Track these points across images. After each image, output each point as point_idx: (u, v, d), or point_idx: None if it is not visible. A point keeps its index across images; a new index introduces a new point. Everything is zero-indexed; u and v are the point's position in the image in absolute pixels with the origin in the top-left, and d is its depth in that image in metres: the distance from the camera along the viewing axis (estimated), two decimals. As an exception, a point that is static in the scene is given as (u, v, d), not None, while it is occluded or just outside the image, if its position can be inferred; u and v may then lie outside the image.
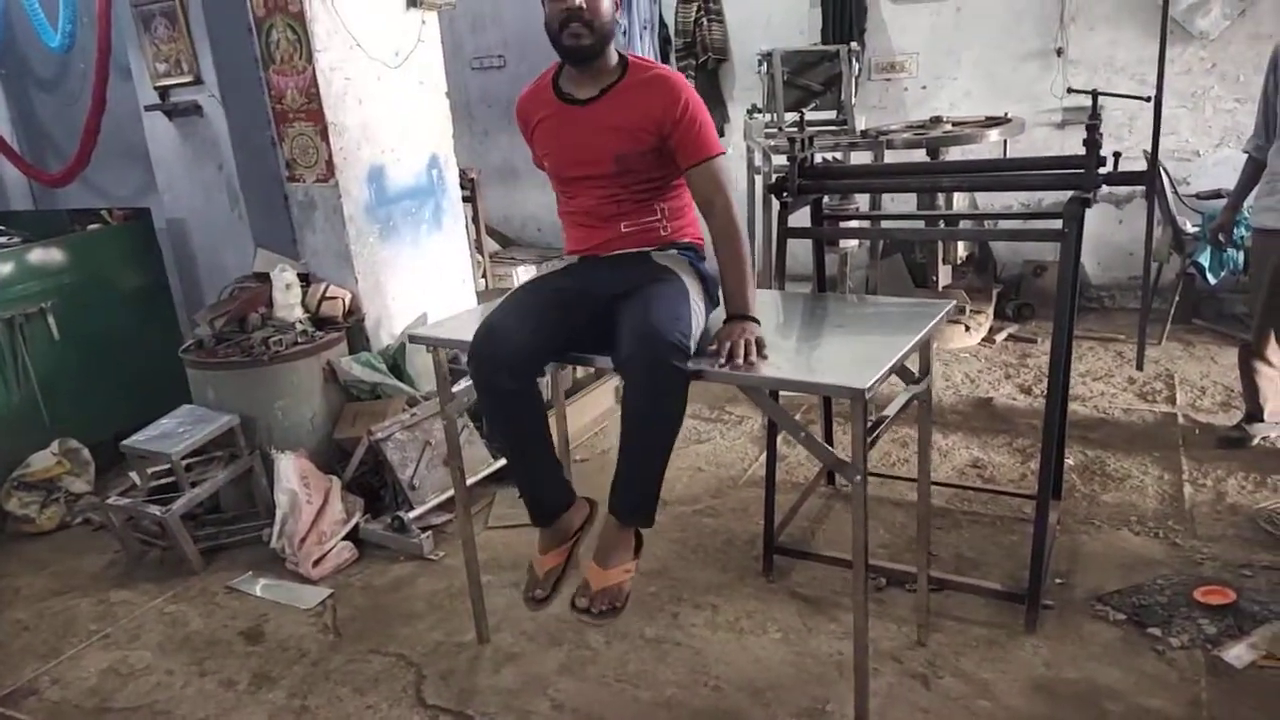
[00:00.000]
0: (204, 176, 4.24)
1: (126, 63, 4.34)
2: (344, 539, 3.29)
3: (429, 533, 3.31)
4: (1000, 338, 5.18)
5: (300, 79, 3.52)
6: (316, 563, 3.17)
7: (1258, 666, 2.42)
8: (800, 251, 4.20)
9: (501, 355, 2.14)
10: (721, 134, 6.25)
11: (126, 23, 4.18)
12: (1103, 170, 2.61)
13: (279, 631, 2.92)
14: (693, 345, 2.06)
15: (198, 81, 4.05)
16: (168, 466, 3.31)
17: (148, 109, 4.27)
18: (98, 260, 4.20)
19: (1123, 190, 5.32)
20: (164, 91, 4.18)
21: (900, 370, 2.25)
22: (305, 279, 3.73)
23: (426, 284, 4.03)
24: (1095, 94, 2.99)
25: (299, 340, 3.48)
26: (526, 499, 2.32)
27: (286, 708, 2.56)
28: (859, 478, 1.97)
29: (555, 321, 2.21)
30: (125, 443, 3.38)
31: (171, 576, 3.27)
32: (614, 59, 2.28)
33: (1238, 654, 2.47)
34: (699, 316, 2.17)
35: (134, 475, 3.45)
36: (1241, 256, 4.53)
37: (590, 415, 4.38)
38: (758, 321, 2.14)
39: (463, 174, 4.45)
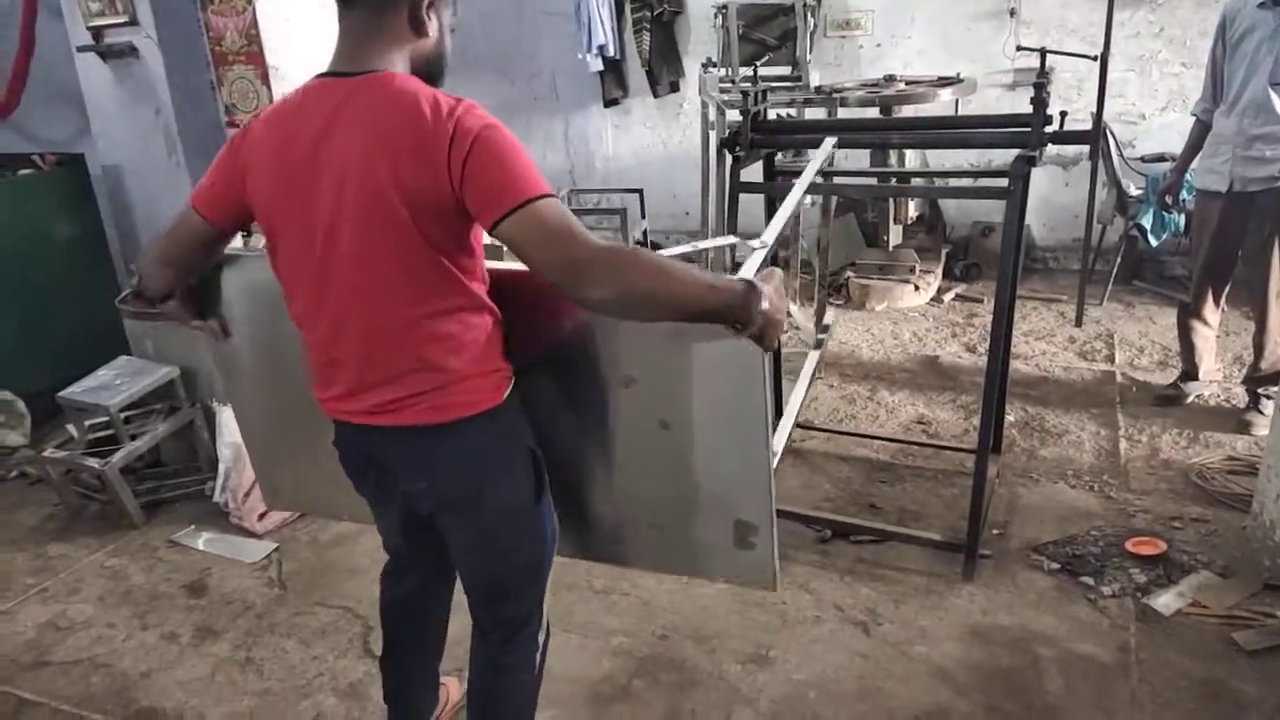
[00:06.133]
0: (140, 121, 4.09)
1: (56, 1, 4.15)
2: (290, 493, 3.25)
3: (377, 487, 3.28)
4: (948, 297, 5.25)
5: (240, 20, 3.41)
6: (261, 517, 3.13)
7: (1184, 614, 2.51)
8: (754, 209, 4.20)
9: None
10: (676, 88, 6.20)
11: (55, -42, 4.00)
12: (1049, 129, 2.64)
13: (223, 585, 2.89)
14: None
15: (133, 22, 3.88)
16: (106, 419, 3.23)
17: (80, 50, 4.09)
18: (30, 207, 4.04)
19: (1070, 152, 5.38)
20: (97, 32, 4.01)
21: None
22: (248, 231, 3.63)
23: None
24: (1044, 52, 3.02)
25: (241, 291, 3.39)
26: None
27: (231, 660, 2.54)
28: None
29: None
30: (61, 394, 3.29)
31: (111, 530, 3.21)
32: None
33: (1166, 602, 2.56)
34: None
35: (71, 428, 3.37)
36: (1183, 219, 4.62)
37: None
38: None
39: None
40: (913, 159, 4.67)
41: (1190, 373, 3.79)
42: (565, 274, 1.35)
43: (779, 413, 2.94)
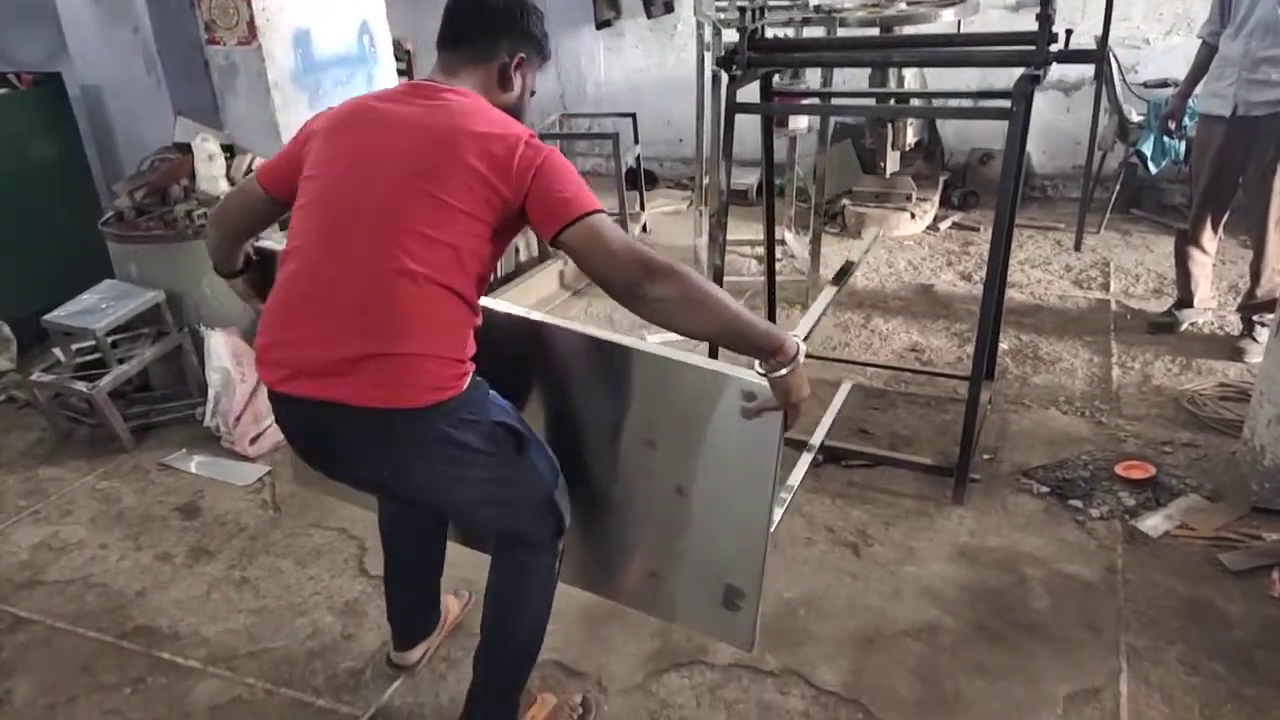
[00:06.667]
0: (118, 39, 3.95)
1: (27, -90, 3.99)
2: (281, 417, 3.23)
3: (368, 411, 3.27)
4: (944, 225, 5.20)
5: (218, -70, 3.27)
6: (253, 441, 3.13)
7: (1172, 536, 2.54)
8: (750, 136, 4.12)
9: None
10: (670, 9, 6.04)
11: None
12: (1054, 48, 2.56)
13: (216, 507, 2.89)
14: None
15: (107, -68, 3.74)
16: (93, 343, 3.19)
17: (53, -37, 3.95)
18: (7, 127, 3.93)
19: (1072, 76, 5.29)
20: (70, -57, 3.86)
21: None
22: (229, 150, 3.55)
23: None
24: (1050, -34, 2.91)
25: (226, 213, 3.33)
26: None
27: (226, 579, 2.55)
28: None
29: None
30: (47, 317, 3.24)
31: (102, 454, 3.20)
32: None
33: (1154, 524, 2.58)
34: None
35: (58, 352, 3.33)
36: (1184, 146, 4.57)
37: (535, 298, 4.33)
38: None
39: (397, 45, 4.23)
40: (912, 81, 4.58)
41: (1185, 300, 3.78)
42: (636, 270, 1.47)
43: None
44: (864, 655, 2.17)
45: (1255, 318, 3.56)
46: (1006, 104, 2.55)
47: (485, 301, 1.79)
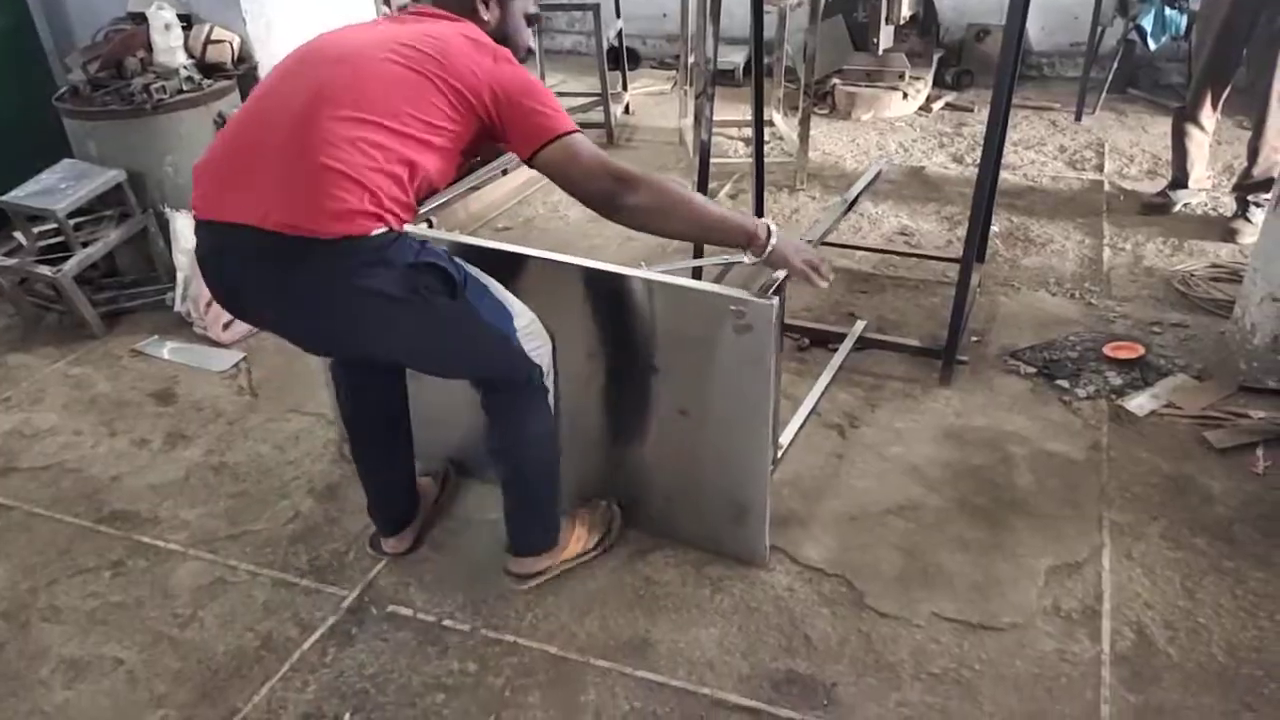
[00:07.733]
0: (62, -103, 3.69)
1: None
2: (254, 302, 3.15)
3: (345, 296, 3.19)
4: (937, 106, 5.06)
5: None
6: (226, 326, 3.05)
7: (1158, 415, 2.53)
8: (738, 11, 3.94)
9: None
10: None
11: None
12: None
13: (192, 393, 2.83)
14: None
15: None
16: (55, 226, 3.07)
17: None
18: (-53, -4, 3.70)
19: (1074, -53, 5.06)
20: None
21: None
22: (187, 20, 3.35)
23: (325, 28, 3.65)
24: None
25: (184, 88, 3.16)
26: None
27: (204, 464, 2.52)
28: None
29: None
30: (5, 198, 3.11)
31: (72, 340, 3.12)
32: None
33: (1140, 403, 2.57)
34: None
35: (19, 235, 3.20)
36: (1185, 21, 4.41)
37: (511, 184, 4.20)
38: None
39: (364, -95, 3.96)
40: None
41: (1180, 180, 3.70)
42: (611, 183, 1.59)
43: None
44: (848, 533, 2.17)
45: (1250, 198, 3.49)
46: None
47: (481, 242, 1.95)
